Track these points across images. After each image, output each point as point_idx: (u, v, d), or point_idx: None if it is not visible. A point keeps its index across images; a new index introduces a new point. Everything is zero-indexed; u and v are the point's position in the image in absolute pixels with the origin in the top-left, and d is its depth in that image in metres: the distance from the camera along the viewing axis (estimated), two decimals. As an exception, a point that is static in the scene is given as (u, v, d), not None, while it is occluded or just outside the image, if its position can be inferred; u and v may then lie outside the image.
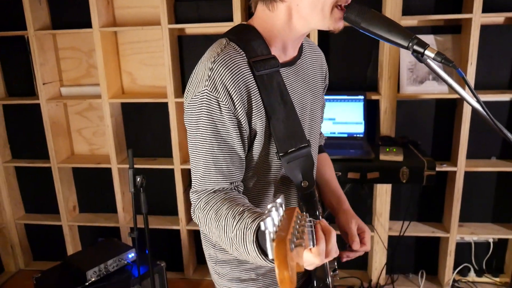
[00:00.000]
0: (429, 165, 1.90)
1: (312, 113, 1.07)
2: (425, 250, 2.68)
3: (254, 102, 0.90)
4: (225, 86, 0.86)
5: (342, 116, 2.24)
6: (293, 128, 0.96)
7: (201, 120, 0.88)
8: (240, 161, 0.93)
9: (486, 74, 2.36)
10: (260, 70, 0.90)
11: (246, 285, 1.05)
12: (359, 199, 2.60)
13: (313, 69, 1.08)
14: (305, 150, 0.98)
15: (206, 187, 0.92)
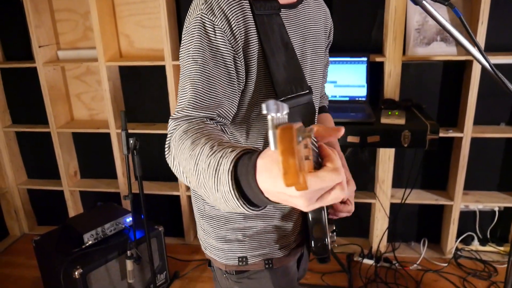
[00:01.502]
0: (432, 128, 1.82)
1: (314, 64, 1.01)
2: (429, 218, 2.63)
3: (251, 38, 0.85)
4: (223, 10, 0.82)
5: (344, 79, 2.15)
6: (293, 72, 0.91)
7: (193, 42, 0.83)
8: (232, 91, 0.85)
9: (498, 35, 2.23)
10: (260, 10, 0.86)
11: (231, 246, 1.01)
12: (361, 165, 2.54)
13: (316, 19, 1.02)
14: (306, 97, 0.93)
15: (189, 112, 0.79)
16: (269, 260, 1.01)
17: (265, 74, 0.88)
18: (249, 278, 1.02)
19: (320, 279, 2.36)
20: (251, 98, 0.90)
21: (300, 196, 0.51)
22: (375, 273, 2.36)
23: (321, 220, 0.96)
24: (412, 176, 2.44)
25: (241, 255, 1.01)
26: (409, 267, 2.42)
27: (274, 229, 1.01)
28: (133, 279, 2.10)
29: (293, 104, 0.90)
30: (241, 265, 1.01)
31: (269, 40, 0.87)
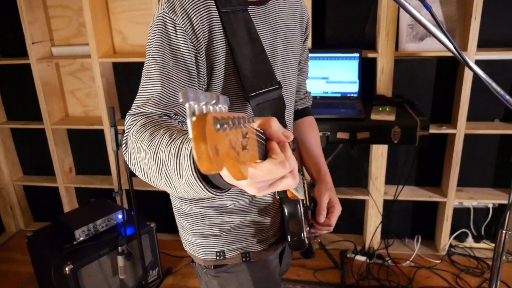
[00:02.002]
0: (422, 124, 1.81)
1: (286, 59, 1.01)
2: (423, 215, 2.62)
3: (216, 36, 0.85)
4: (185, 9, 0.81)
5: (335, 75, 2.14)
6: (261, 67, 0.91)
7: (154, 42, 0.83)
8: None
9: (492, 30, 2.21)
10: (225, 7, 0.85)
11: (208, 241, 1.01)
12: (355, 162, 2.53)
13: (289, 14, 1.01)
14: (275, 92, 0.93)
15: (147, 109, 0.80)
16: (247, 254, 1.02)
17: (233, 70, 0.88)
18: (227, 271, 1.02)
19: (312, 276, 2.36)
20: (225, 94, 0.90)
21: (247, 185, 0.53)
22: (367, 270, 2.36)
23: (297, 214, 0.96)
24: (405, 173, 2.43)
25: (218, 249, 1.01)
26: (402, 264, 2.41)
27: (252, 224, 1.02)
28: (125, 275, 2.10)
29: (262, 99, 0.90)
30: (219, 259, 1.01)
31: (235, 36, 0.86)
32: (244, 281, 1.01)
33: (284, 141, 0.56)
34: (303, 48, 1.12)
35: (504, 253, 1.31)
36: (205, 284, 1.06)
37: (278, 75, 0.98)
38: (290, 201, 0.96)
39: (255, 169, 0.51)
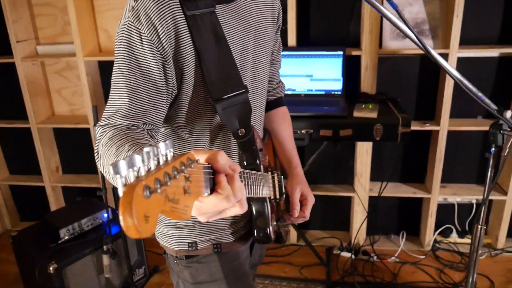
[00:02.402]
0: (403, 121, 1.83)
1: (257, 57, 1.01)
2: (408, 211, 2.64)
3: (183, 42, 0.84)
4: (150, 18, 0.81)
5: (320, 72, 2.15)
6: (228, 72, 0.91)
7: (120, 52, 0.83)
8: (159, 101, 0.86)
9: (474, 28, 2.23)
10: (191, 10, 0.85)
11: (181, 232, 1.02)
12: (340, 159, 2.55)
13: (260, 7, 1.01)
14: (242, 96, 0.94)
15: (115, 121, 0.82)
16: (218, 245, 1.03)
17: (201, 75, 0.88)
18: (198, 262, 1.03)
19: (298, 273, 2.37)
20: (191, 99, 0.91)
21: (195, 215, 0.61)
22: (351, 266, 2.38)
23: (263, 212, 0.98)
24: (390, 170, 2.45)
25: (190, 240, 1.02)
26: (387, 260, 2.43)
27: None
28: (110, 274, 2.11)
29: (229, 104, 0.91)
30: (191, 250, 1.02)
31: (202, 40, 0.86)
32: (215, 271, 1.03)
33: (231, 174, 0.61)
34: (275, 39, 1.13)
35: (480, 247, 1.33)
36: (177, 274, 1.07)
37: (248, 75, 0.98)
38: (257, 199, 0.97)
39: (202, 203, 0.58)
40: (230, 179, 0.61)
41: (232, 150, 1.00)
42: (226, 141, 0.99)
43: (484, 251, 2.47)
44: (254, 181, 0.84)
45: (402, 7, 2.22)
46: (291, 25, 2.21)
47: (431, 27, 2.22)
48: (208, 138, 0.97)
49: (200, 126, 0.95)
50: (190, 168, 0.51)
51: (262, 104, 1.09)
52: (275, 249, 2.58)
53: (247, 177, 0.79)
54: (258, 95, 1.05)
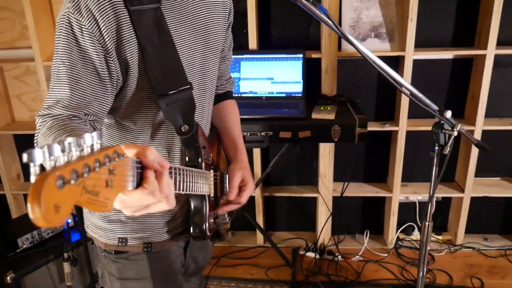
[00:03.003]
0: (360, 123, 1.87)
1: (206, 54, 1.02)
2: (372, 211, 2.70)
3: (125, 36, 0.85)
4: (90, 10, 0.81)
5: (280, 75, 2.18)
6: (172, 68, 0.92)
7: (61, 43, 0.82)
8: (102, 93, 0.86)
9: (429, 31, 2.31)
10: (135, 5, 0.85)
11: (113, 226, 1.02)
12: (305, 160, 2.58)
13: (208, 5, 1.01)
14: (186, 93, 0.94)
15: (55, 111, 0.81)
16: (149, 244, 1.03)
17: (145, 71, 0.89)
18: (126, 259, 1.03)
19: (264, 274, 2.39)
20: (135, 93, 0.91)
21: (120, 208, 0.61)
22: (315, 265, 2.41)
23: (202, 209, 0.99)
24: (353, 170, 2.50)
25: (121, 236, 1.02)
26: (352, 259, 2.48)
27: (160, 213, 1.03)
28: (72, 282, 2.07)
29: (172, 100, 0.92)
30: (120, 245, 1.02)
31: (146, 36, 0.87)
32: (142, 270, 1.03)
33: (159, 169, 0.62)
34: (226, 36, 1.14)
35: (428, 243, 1.38)
36: (103, 266, 1.06)
37: (196, 72, 0.99)
38: (196, 195, 0.98)
39: (127, 196, 0.59)
40: (159, 175, 0.62)
41: (175, 145, 1.01)
42: (170, 137, 0.99)
43: (443, 248, 2.55)
44: (192, 178, 0.84)
45: (359, 11, 2.27)
46: (251, 28, 2.23)
47: (388, 30, 2.28)
48: (151, 132, 0.97)
49: (143, 120, 0.96)
50: (114, 162, 0.52)
51: (210, 101, 1.10)
52: (242, 251, 2.59)
53: (183, 174, 0.80)
54: (207, 92, 1.06)
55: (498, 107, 2.42)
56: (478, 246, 2.56)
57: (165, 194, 0.63)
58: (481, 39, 2.24)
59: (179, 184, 0.77)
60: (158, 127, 0.98)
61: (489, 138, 2.43)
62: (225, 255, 2.55)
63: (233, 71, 2.21)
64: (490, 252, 2.51)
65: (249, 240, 2.69)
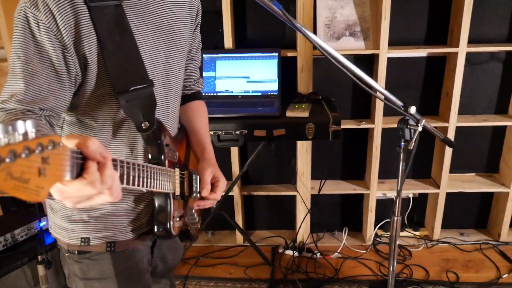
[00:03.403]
0: (334, 120, 1.89)
1: (171, 53, 1.02)
2: (351, 208, 2.72)
3: (84, 32, 0.84)
4: (47, 4, 0.80)
5: (256, 74, 2.19)
6: (132, 65, 0.92)
7: (17, 38, 0.82)
8: (59, 88, 0.86)
9: (403, 30, 2.34)
10: (94, 1, 0.85)
11: (75, 226, 1.01)
12: (283, 159, 2.59)
13: (174, 4, 1.01)
14: (146, 90, 0.94)
15: (9, 105, 0.81)
16: (112, 243, 1.02)
17: (104, 67, 0.88)
18: (89, 259, 1.02)
19: (243, 273, 2.39)
20: (95, 89, 0.91)
21: (60, 199, 0.60)
22: (293, 263, 2.42)
23: (166, 207, 0.99)
24: (331, 168, 2.52)
25: (84, 236, 1.01)
26: (330, 256, 2.49)
27: (124, 212, 1.03)
28: (47, 285, 2.04)
29: (132, 97, 0.91)
30: (83, 245, 1.01)
31: (106, 32, 0.86)
32: (106, 270, 1.02)
33: (101, 161, 0.62)
34: (194, 36, 1.14)
35: (397, 237, 1.40)
36: (68, 267, 1.06)
37: (160, 70, 0.99)
38: (160, 193, 0.98)
39: (66, 187, 0.58)
40: (101, 166, 0.62)
41: (138, 143, 1.00)
42: (132, 134, 0.99)
43: (420, 243, 2.59)
44: (149, 174, 0.84)
45: (334, 10, 2.29)
46: (227, 27, 2.23)
47: (362, 28, 2.30)
48: (112, 129, 0.97)
49: (104, 117, 0.95)
50: (48, 150, 0.51)
51: (176, 100, 1.09)
52: (222, 251, 2.59)
53: (139, 169, 0.79)
54: (172, 91, 1.06)
55: (471, 104, 2.46)
56: (455, 241, 2.60)
57: (107, 186, 0.63)
58: (453, 37, 2.28)
59: (133, 179, 0.77)
60: (119, 124, 0.97)
61: (463, 134, 2.48)
62: (204, 255, 2.55)
63: (208, 70, 2.20)
64: (466, 247, 2.56)
65: (229, 240, 2.69)
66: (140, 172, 0.80)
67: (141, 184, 0.81)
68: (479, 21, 2.29)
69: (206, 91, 2.19)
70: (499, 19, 2.30)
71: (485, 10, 2.28)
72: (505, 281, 2.26)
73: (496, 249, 2.53)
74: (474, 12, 2.23)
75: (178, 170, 1.05)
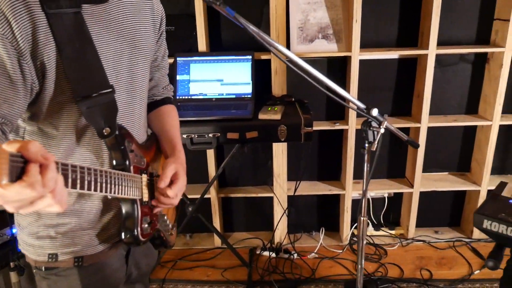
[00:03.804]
0: (306, 122, 1.91)
1: (134, 60, 1.02)
2: (328, 208, 2.75)
3: (42, 39, 0.84)
4: (2, 11, 0.80)
5: (230, 77, 2.20)
6: (92, 71, 0.92)
7: None
8: (14, 96, 0.85)
9: (375, 32, 2.38)
10: (52, 8, 0.85)
11: (42, 242, 1.00)
12: (260, 160, 2.60)
13: (136, 12, 1.02)
14: (107, 96, 0.94)
15: None
16: (80, 258, 1.01)
17: (64, 73, 0.88)
18: (57, 275, 1.01)
19: (220, 275, 2.39)
20: (55, 97, 0.90)
21: (2, 204, 0.60)
22: (269, 264, 2.44)
23: (133, 213, 0.98)
24: (307, 169, 2.54)
25: (51, 252, 1.00)
26: (307, 256, 2.52)
27: (91, 225, 1.02)
28: (20, 292, 2.01)
29: (93, 103, 0.91)
30: (50, 261, 1.00)
31: (65, 39, 0.86)
32: (74, 285, 1.01)
33: (44, 163, 0.61)
34: (159, 45, 1.14)
35: (364, 236, 1.42)
36: (37, 282, 1.05)
37: (123, 77, 0.99)
38: (127, 200, 0.98)
39: (5, 190, 0.57)
40: (43, 168, 0.61)
41: (102, 149, 1.00)
42: (96, 141, 0.98)
43: (396, 242, 2.63)
44: (111, 180, 0.84)
45: (307, 13, 2.32)
46: (200, 30, 2.24)
47: (334, 31, 2.33)
48: (75, 137, 0.96)
49: (66, 125, 0.95)
50: None
51: (140, 107, 1.09)
52: (199, 253, 2.59)
53: (96, 174, 0.79)
54: (136, 98, 1.06)
55: (443, 105, 2.52)
56: (429, 239, 2.65)
57: (49, 188, 0.61)
58: (423, 39, 2.33)
59: (89, 184, 0.76)
60: (82, 132, 0.97)
61: (435, 134, 2.53)
62: (182, 258, 2.55)
63: (182, 73, 2.21)
64: (440, 244, 2.61)
65: (207, 242, 2.69)
66: (98, 177, 0.80)
67: (99, 189, 0.81)
68: (449, 23, 2.35)
69: (181, 95, 2.20)
70: (468, 21, 2.36)
71: (454, 13, 2.34)
72: (477, 277, 2.31)
73: (468, 246, 2.59)
74: (443, 15, 2.28)
75: (146, 176, 1.05)
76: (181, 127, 1.92)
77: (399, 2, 2.33)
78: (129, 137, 1.01)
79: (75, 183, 0.73)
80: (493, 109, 2.37)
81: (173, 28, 2.30)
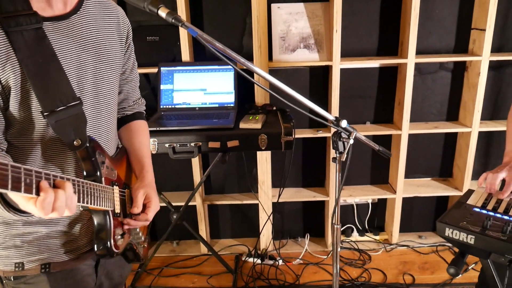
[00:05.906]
0: (286, 131, 1.95)
1: (99, 74, 1.05)
2: (313, 215, 2.78)
3: (4, 57, 0.87)
4: None
5: (213, 86, 2.23)
6: (58, 85, 0.94)
7: None
8: None
9: (356, 42, 2.43)
10: (13, 27, 0.87)
11: (8, 252, 1.02)
12: (245, 168, 2.63)
13: (100, 26, 1.05)
14: (75, 108, 0.97)
15: None
16: (47, 265, 1.03)
17: (29, 90, 0.91)
18: (25, 283, 1.03)
19: (206, 282, 2.42)
20: (21, 112, 0.93)
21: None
22: (256, 271, 2.46)
23: (105, 224, 1.00)
24: (292, 176, 2.58)
25: (17, 261, 1.02)
26: (292, 262, 2.55)
27: (59, 234, 1.04)
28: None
29: (61, 116, 0.94)
30: (17, 270, 1.02)
31: (27, 56, 0.89)
32: None
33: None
34: (127, 57, 1.17)
35: (338, 244, 1.45)
36: None
37: (88, 90, 1.02)
38: (98, 212, 1.00)
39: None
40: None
41: (68, 161, 1.02)
42: (63, 152, 1.00)
43: (380, 247, 2.66)
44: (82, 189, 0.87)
45: (289, 23, 2.36)
46: (184, 40, 2.28)
47: (316, 41, 2.38)
48: (41, 149, 0.98)
49: (32, 138, 0.97)
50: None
51: (108, 120, 1.11)
52: (185, 261, 2.61)
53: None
54: (104, 111, 1.08)
55: (424, 112, 2.56)
56: (413, 244, 2.69)
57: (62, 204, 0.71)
58: (403, 48, 2.38)
59: None
60: (48, 144, 0.99)
61: (417, 140, 2.58)
62: (168, 265, 2.57)
63: (166, 82, 2.24)
64: (423, 249, 2.65)
65: (194, 249, 2.71)
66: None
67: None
68: (427, 33, 2.40)
69: (164, 104, 2.23)
70: (446, 31, 2.42)
71: (432, 23, 2.39)
72: (458, 281, 2.35)
73: (451, 250, 2.63)
74: (422, 25, 2.34)
75: (118, 188, 1.08)
76: (164, 137, 1.96)
77: (379, 12, 2.38)
78: (99, 149, 1.03)
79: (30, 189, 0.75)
80: (473, 116, 2.41)
81: (157, 38, 2.34)
